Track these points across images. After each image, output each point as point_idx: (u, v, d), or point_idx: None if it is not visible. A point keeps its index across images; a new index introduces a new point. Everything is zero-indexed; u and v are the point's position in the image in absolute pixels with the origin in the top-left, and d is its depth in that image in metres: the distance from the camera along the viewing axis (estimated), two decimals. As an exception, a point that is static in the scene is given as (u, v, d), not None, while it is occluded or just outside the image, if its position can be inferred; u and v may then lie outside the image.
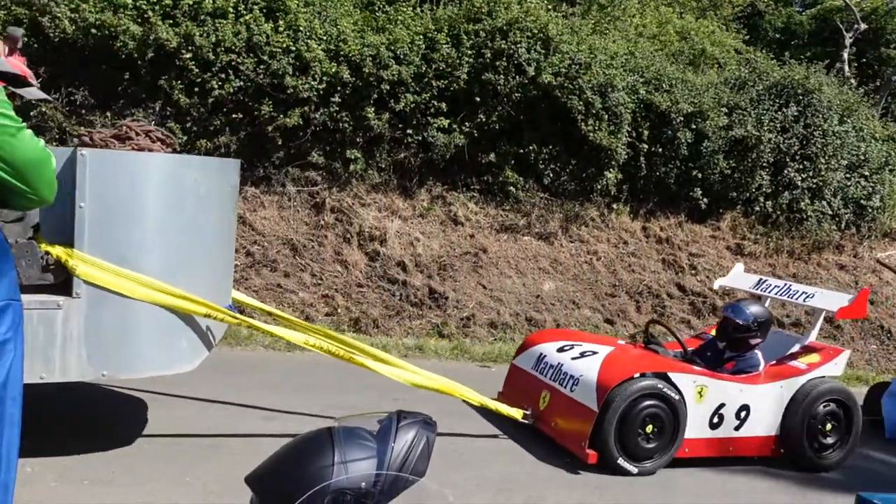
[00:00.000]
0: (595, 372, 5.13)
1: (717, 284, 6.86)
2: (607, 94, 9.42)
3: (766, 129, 10.40)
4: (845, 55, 16.65)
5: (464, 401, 5.37)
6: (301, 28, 8.62)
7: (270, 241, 8.61)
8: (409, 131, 9.03)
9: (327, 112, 8.64)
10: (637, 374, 5.07)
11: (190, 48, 8.18)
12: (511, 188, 9.54)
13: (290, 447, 1.93)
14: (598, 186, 9.84)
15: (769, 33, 17.27)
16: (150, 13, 8.13)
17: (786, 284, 6.24)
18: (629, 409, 4.97)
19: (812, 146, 10.74)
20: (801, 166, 10.76)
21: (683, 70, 10.85)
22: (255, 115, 8.51)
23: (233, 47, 8.32)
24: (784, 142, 10.62)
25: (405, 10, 9.59)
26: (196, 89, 8.32)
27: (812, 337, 5.95)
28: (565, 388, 5.23)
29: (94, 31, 8.05)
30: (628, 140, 9.71)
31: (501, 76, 9.11)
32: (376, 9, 9.97)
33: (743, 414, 5.37)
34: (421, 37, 9.09)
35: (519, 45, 9.16)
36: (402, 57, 8.85)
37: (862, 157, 11.22)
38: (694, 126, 10.06)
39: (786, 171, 10.68)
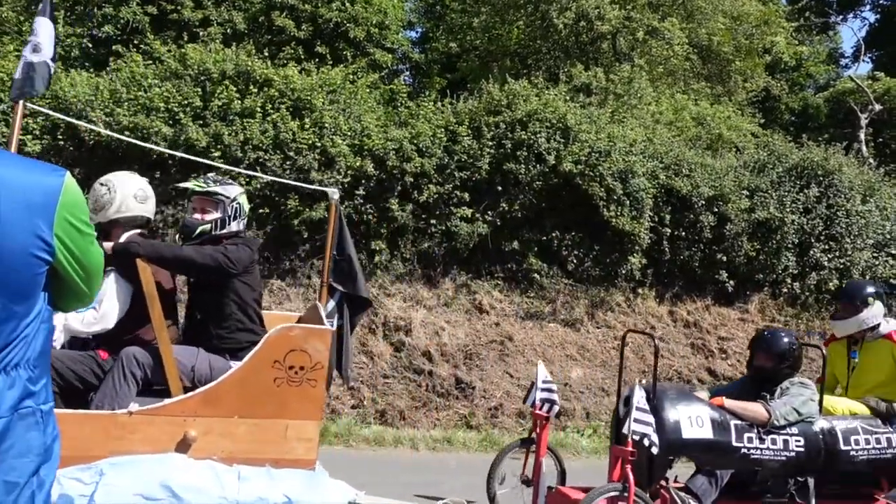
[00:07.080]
0: None
1: None
2: (628, 180, 9.52)
3: (788, 210, 10.40)
4: (862, 136, 16.82)
5: None
6: (326, 125, 8.87)
7: (296, 334, 8.60)
8: (433, 221, 9.14)
9: (352, 205, 8.78)
10: None
11: (219, 147, 8.44)
12: (535, 275, 9.54)
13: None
14: (623, 271, 9.82)
15: (785, 116, 17.51)
16: (182, 115, 8.43)
17: None
18: None
19: (836, 226, 10.69)
20: (826, 246, 10.69)
21: (702, 154, 10.97)
22: (281, 210, 8.67)
23: (260, 145, 8.57)
24: (808, 223, 10.59)
25: (427, 104, 9.86)
26: (224, 186, 8.51)
27: None
28: None
29: (127, 133, 8.33)
30: (651, 224, 9.74)
31: (522, 165, 9.26)
32: (399, 104, 10.28)
33: None
34: (442, 130, 9.32)
35: (538, 136, 9.34)
36: (424, 150, 9.04)
37: (888, 236, 11.14)
38: (716, 209, 10.09)
39: (812, 252, 10.61)
